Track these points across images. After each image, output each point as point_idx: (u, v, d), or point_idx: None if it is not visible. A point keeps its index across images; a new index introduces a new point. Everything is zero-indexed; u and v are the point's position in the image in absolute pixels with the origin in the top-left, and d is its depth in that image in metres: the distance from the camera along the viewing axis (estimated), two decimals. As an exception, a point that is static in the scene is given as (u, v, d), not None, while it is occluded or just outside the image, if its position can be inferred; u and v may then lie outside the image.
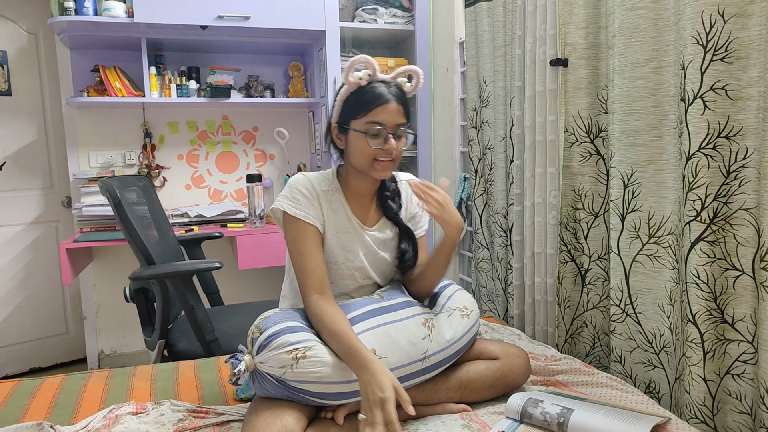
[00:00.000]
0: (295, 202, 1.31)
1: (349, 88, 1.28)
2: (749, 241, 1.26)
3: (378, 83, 1.28)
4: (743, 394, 1.30)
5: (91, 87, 2.74)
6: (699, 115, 1.27)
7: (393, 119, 1.26)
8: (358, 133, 1.27)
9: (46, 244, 2.98)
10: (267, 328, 1.17)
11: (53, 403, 1.40)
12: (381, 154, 1.27)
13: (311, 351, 1.14)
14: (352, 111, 1.28)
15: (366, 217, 1.40)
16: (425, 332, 1.29)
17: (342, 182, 1.38)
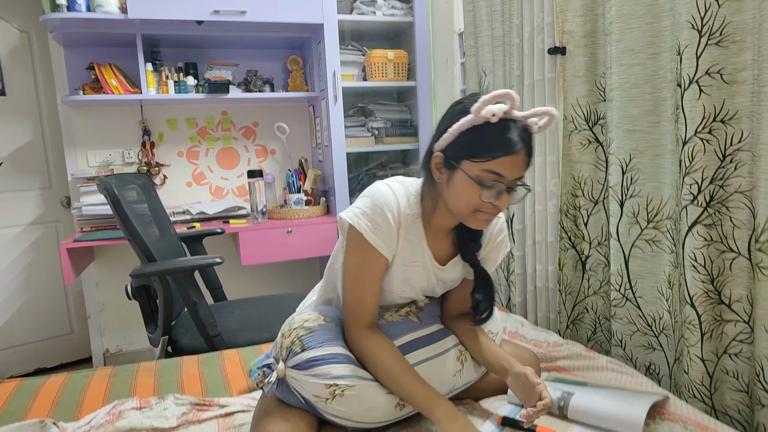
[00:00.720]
0: (376, 226, 1.12)
1: (474, 121, 1.04)
2: (745, 224, 1.26)
3: (510, 123, 1.04)
4: (740, 372, 1.31)
5: (86, 85, 2.73)
6: (695, 99, 1.27)
7: (516, 173, 1.06)
8: (469, 179, 1.06)
9: (46, 244, 2.98)
10: (310, 347, 1.10)
11: (56, 401, 1.41)
12: (487, 207, 1.08)
13: (350, 390, 1.08)
14: (469, 150, 1.05)
15: (440, 253, 1.23)
16: (458, 368, 1.24)
17: (424, 210, 1.19)
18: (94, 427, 1.24)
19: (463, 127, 1.06)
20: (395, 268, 1.20)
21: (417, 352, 1.19)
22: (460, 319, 1.30)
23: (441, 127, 1.12)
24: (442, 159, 1.11)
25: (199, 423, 1.28)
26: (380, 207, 1.13)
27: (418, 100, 2.99)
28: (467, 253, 1.24)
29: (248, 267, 3.23)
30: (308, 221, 2.82)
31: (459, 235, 1.23)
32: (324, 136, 2.96)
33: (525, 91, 1.94)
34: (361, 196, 1.17)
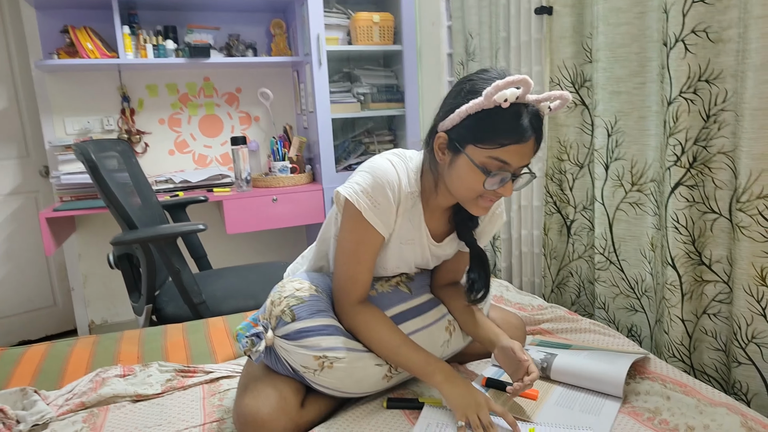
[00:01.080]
0: (375, 204, 1.08)
1: (484, 104, 0.97)
2: (726, 184, 1.26)
3: (522, 108, 0.98)
4: (718, 332, 1.33)
5: (61, 49, 2.64)
6: (680, 58, 1.26)
7: (523, 160, 1.01)
8: (473, 165, 1.01)
9: (26, 215, 2.93)
10: (301, 317, 1.09)
11: (38, 369, 1.40)
12: (490, 194, 1.04)
13: (339, 363, 1.08)
14: (476, 134, 1.00)
15: (436, 229, 1.21)
16: (446, 337, 1.24)
17: (423, 187, 1.15)
18: (76, 395, 1.24)
19: (471, 109, 0.99)
20: (391, 246, 1.17)
21: (407, 323, 1.19)
22: (449, 288, 1.29)
23: (447, 105, 1.06)
24: (446, 140, 1.05)
25: (183, 389, 1.28)
26: (381, 185, 1.08)
27: (404, 65, 2.94)
28: (464, 232, 1.21)
29: (233, 236, 3.21)
30: (293, 189, 2.80)
31: (456, 214, 1.20)
32: (308, 102, 2.91)
33: (511, 53, 1.92)
34: (361, 171, 1.11)
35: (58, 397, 1.22)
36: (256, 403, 1.05)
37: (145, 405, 1.21)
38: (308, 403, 1.11)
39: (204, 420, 1.14)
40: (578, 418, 1.07)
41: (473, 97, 0.99)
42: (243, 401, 1.07)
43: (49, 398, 1.22)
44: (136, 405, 1.21)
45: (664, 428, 1.01)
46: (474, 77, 1.04)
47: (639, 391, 1.15)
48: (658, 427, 1.01)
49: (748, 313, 1.21)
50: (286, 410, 1.06)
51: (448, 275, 1.30)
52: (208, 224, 1.89)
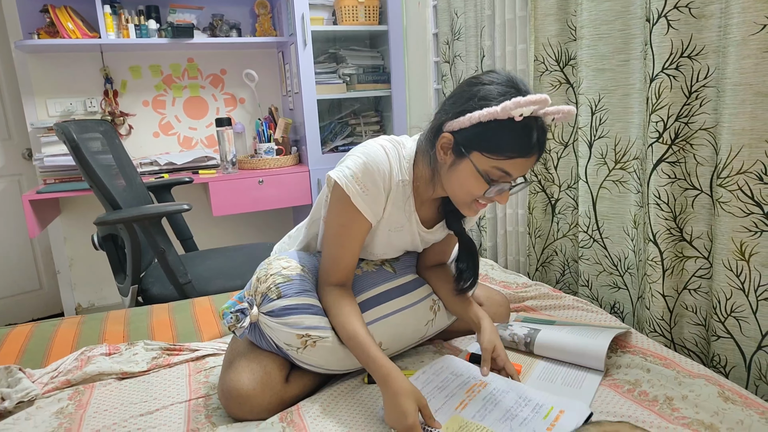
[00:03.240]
0: (365, 191, 1.08)
1: (497, 114, 0.95)
2: (708, 161, 1.28)
3: (532, 122, 0.97)
4: (698, 307, 1.35)
5: (41, 29, 2.60)
6: (663, 34, 1.26)
7: (524, 171, 1.02)
8: (476, 172, 1.01)
9: (9, 198, 2.90)
10: (286, 295, 1.10)
11: (23, 348, 1.40)
12: (485, 199, 1.05)
13: (321, 342, 1.09)
14: (484, 143, 0.99)
15: (427, 216, 1.21)
16: (430, 317, 1.25)
17: (416, 176, 1.14)
18: (62, 373, 1.24)
19: (483, 117, 0.97)
20: (380, 233, 1.17)
21: (390, 302, 1.19)
22: (435, 269, 1.30)
23: (457, 106, 1.03)
24: (451, 142, 1.03)
25: (169, 367, 1.28)
26: (372, 171, 1.07)
27: (390, 46, 2.92)
28: (452, 222, 1.22)
29: (220, 218, 3.20)
30: (280, 171, 2.79)
31: (446, 204, 1.21)
32: (294, 83, 2.89)
33: (496, 31, 1.91)
34: (353, 155, 1.11)
35: (43, 375, 1.22)
36: (240, 378, 1.06)
37: (131, 382, 1.21)
38: (293, 378, 1.12)
39: (190, 396, 1.14)
40: (560, 391, 1.09)
41: (486, 105, 0.98)
42: (228, 376, 1.07)
43: (35, 376, 1.21)
44: (122, 382, 1.21)
45: (644, 399, 1.03)
46: (487, 81, 1.02)
47: (620, 364, 1.17)
48: (637, 399, 1.03)
49: (727, 287, 1.23)
50: (270, 385, 1.07)
51: (436, 257, 1.30)
52: (195, 206, 1.88)
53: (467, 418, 0.97)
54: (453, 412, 0.99)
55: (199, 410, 1.09)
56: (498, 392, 1.04)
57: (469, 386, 1.07)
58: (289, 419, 1.01)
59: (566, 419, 0.95)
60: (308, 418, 1.01)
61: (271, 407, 1.06)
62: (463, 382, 1.08)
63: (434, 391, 1.06)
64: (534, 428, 0.94)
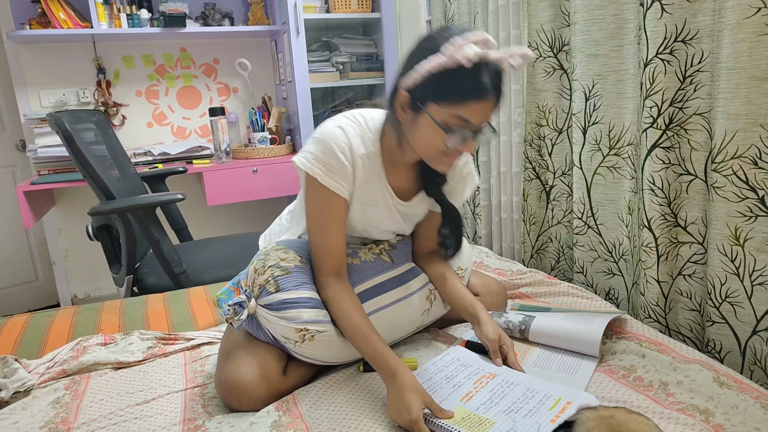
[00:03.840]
0: (329, 169, 1.08)
1: (446, 63, 0.96)
2: (702, 146, 1.27)
3: (482, 67, 0.96)
4: (693, 292, 1.35)
5: (33, 19, 2.57)
6: (657, 19, 1.25)
7: (484, 117, 1.01)
8: (434, 123, 1.00)
9: (3, 189, 2.88)
10: (285, 289, 1.09)
11: (19, 339, 1.40)
12: (452, 151, 1.05)
13: (320, 335, 1.08)
14: (437, 93, 0.99)
15: (402, 189, 1.20)
16: (426, 306, 1.25)
17: (384, 147, 1.14)
18: (57, 363, 1.24)
19: (432, 68, 0.97)
20: (354, 209, 1.16)
21: (387, 294, 1.19)
22: (430, 257, 1.29)
23: (409, 63, 1.03)
24: (408, 99, 1.03)
25: (165, 356, 1.28)
26: (331, 149, 1.08)
27: (384, 34, 2.90)
28: (431, 188, 1.21)
29: (214, 207, 3.19)
30: (273, 160, 2.78)
31: (422, 169, 1.20)
32: (287, 72, 2.87)
33: (490, 17, 1.90)
34: (312, 137, 1.12)
35: (40, 366, 1.22)
36: (238, 370, 1.06)
37: (127, 372, 1.22)
38: (290, 370, 1.12)
39: (186, 385, 1.15)
40: (556, 378, 1.09)
41: (435, 56, 0.97)
42: (225, 368, 1.07)
43: (31, 366, 1.22)
44: (118, 372, 1.22)
45: (639, 385, 1.03)
46: (435, 35, 1.01)
47: (615, 350, 1.17)
48: (632, 384, 1.04)
49: (722, 273, 1.23)
50: (268, 377, 1.07)
51: (427, 242, 1.30)
52: (189, 196, 1.88)
53: (472, 410, 0.97)
54: (458, 402, 0.99)
55: (196, 399, 1.10)
56: (506, 384, 1.04)
57: (477, 377, 1.06)
58: (285, 408, 1.02)
59: (573, 411, 0.93)
60: (303, 406, 1.01)
61: (268, 399, 1.06)
62: (472, 373, 1.08)
63: (441, 381, 1.06)
64: (538, 420, 0.92)
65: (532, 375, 1.09)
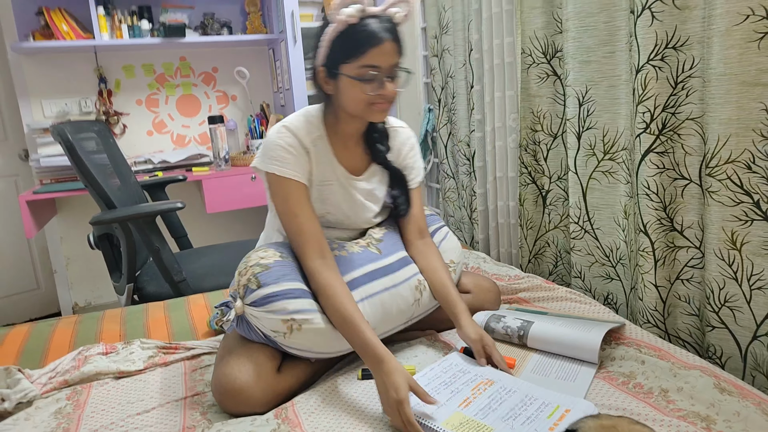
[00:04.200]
0: (282, 162, 1.18)
1: (338, 28, 1.12)
2: (696, 150, 1.28)
3: (370, 19, 1.12)
4: (691, 297, 1.36)
5: (36, 31, 2.60)
6: (647, 26, 1.27)
7: (389, 60, 1.13)
8: (351, 80, 1.13)
9: (6, 199, 2.90)
10: (266, 284, 1.11)
11: (21, 349, 1.41)
12: (377, 98, 1.15)
13: (307, 324, 1.10)
14: (342, 54, 1.13)
15: (353, 165, 1.29)
16: (416, 296, 1.27)
17: (328, 127, 1.25)
18: (59, 373, 1.25)
19: (330, 37, 1.14)
20: (312, 191, 1.25)
21: (375, 282, 1.22)
22: (422, 249, 1.34)
23: (315, 45, 1.18)
24: (325, 71, 1.18)
25: (165, 365, 1.29)
26: (280, 146, 1.19)
27: (382, 40, 2.91)
28: (376, 155, 1.31)
29: (214, 215, 3.20)
30: (274, 167, 2.78)
31: (366, 141, 1.31)
32: (285, 80, 2.89)
33: (483, 25, 1.92)
34: (263, 142, 1.23)
35: (42, 376, 1.23)
36: (231, 371, 1.07)
37: (128, 381, 1.23)
38: (284, 369, 1.14)
39: (185, 394, 1.16)
40: (554, 385, 1.09)
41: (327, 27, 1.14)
42: (219, 371, 1.09)
43: (33, 377, 1.22)
44: (119, 381, 1.23)
45: (639, 392, 1.03)
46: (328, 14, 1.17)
47: (614, 356, 1.16)
48: (632, 391, 1.03)
49: (720, 277, 1.23)
50: (262, 376, 1.08)
51: (410, 226, 1.36)
52: (188, 204, 1.89)
53: (470, 416, 0.97)
54: (456, 408, 1.00)
55: (195, 407, 1.11)
56: (504, 391, 1.05)
57: (475, 384, 1.07)
58: (284, 416, 1.02)
59: (571, 418, 0.93)
60: (303, 415, 1.02)
61: (264, 399, 1.07)
62: (470, 379, 1.09)
63: (440, 387, 1.06)
64: (536, 428, 0.93)
65: (530, 381, 1.09)
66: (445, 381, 1.08)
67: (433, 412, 0.98)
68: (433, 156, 2.64)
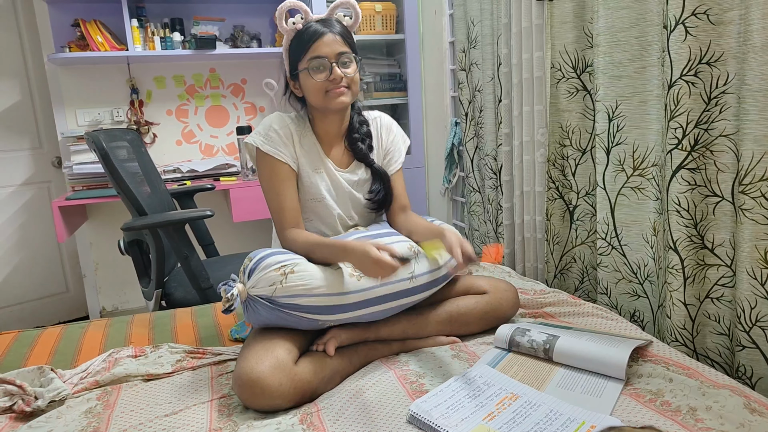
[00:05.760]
0: (268, 139, 1.34)
1: (288, 36, 1.33)
2: (729, 167, 1.27)
3: (313, 23, 1.31)
4: (721, 316, 1.33)
5: (72, 42, 2.69)
6: (681, 41, 1.26)
7: (332, 49, 1.29)
8: (305, 73, 1.30)
9: (39, 204, 2.98)
10: (256, 255, 1.22)
11: (54, 350, 1.44)
12: (330, 85, 1.30)
13: (299, 266, 1.18)
14: (295, 56, 1.32)
15: (339, 160, 1.43)
16: (412, 255, 1.29)
17: (313, 126, 1.41)
18: (90, 374, 1.27)
19: (285, 46, 1.35)
20: (306, 175, 1.38)
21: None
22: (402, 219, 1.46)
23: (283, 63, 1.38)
24: (290, 76, 1.37)
25: (193, 369, 1.31)
26: (268, 125, 1.35)
27: (407, 54, 2.94)
28: (358, 154, 1.43)
29: (240, 224, 3.24)
30: (300, 178, 2.81)
31: (349, 140, 1.43)
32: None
33: (513, 39, 1.92)
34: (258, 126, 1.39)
35: (74, 376, 1.26)
36: (249, 363, 1.10)
37: (156, 384, 1.24)
38: (301, 362, 1.16)
39: (212, 396, 1.17)
40: (580, 400, 1.07)
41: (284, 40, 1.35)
42: (238, 365, 1.12)
43: (65, 376, 1.25)
44: (148, 384, 1.24)
45: (666, 410, 1.01)
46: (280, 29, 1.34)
47: (641, 373, 1.15)
48: (660, 409, 1.01)
49: (751, 296, 1.21)
50: (279, 366, 1.10)
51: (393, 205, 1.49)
52: (215, 213, 1.92)
53: (494, 429, 0.97)
54: (481, 422, 0.99)
55: (222, 410, 1.12)
56: (529, 405, 1.04)
57: (500, 398, 1.07)
58: (309, 421, 1.03)
59: None
60: (327, 421, 1.03)
61: (282, 389, 1.08)
62: (495, 393, 1.09)
63: (464, 400, 1.06)
64: None
65: (555, 396, 1.08)
66: (470, 393, 1.08)
67: (457, 425, 0.98)
68: (459, 170, 2.64)
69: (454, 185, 2.73)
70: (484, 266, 1.84)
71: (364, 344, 1.29)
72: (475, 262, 1.17)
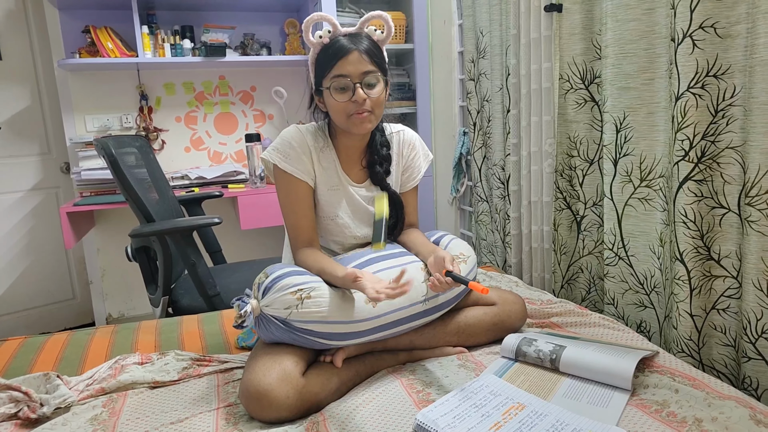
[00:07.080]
0: (286, 156, 1.31)
1: (315, 50, 1.28)
2: (735, 179, 1.27)
3: (341, 37, 1.26)
4: (728, 327, 1.33)
5: (82, 48, 2.71)
6: (688, 54, 1.27)
7: (357, 68, 1.23)
8: (328, 91, 1.25)
9: (47, 210, 3.00)
10: (273, 272, 1.21)
11: (60, 357, 1.45)
12: (353, 107, 1.24)
13: (315, 291, 1.17)
14: (320, 71, 1.27)
15: (355, 174, 1.40)
16: (425, 276, 1.31)
17: (333, 139, 1.38)
18: (96, 381, 1.28)
19: (311, 60, 1.30)
20: (321, 193, 1.37)
21: (375, 264, 1.29)
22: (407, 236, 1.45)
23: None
24: (315, 90, 1.32)
25: (199, 377, 1.32)
26: (287, 141, 1.32)
27: (416, 63, 2.96)
28: (374, 177, 1.40)
29: (247, 231, 3.25)
30: (306, 185, 2.82)
31: (367, 161, 1.40)
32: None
33: (521, 50, 1.93)
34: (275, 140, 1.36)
35: (80, 383, 1.26)
36: (256, 375, 1.10)
37: (162, 391, 1.25)
38: (309, 374, 1.16)
39: (218, 405, 1.17)
40: (586, 410, 1.08)
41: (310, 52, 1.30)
42: (245, 377, 1.12)
43: (71, 383, 1.26)
44: (154, 391, 1.25)
45: (672, 420, 1.01)
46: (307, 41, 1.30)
47: (647, 383, 1.15)
48: (665, 420, 1.02)
49: (757, 308, 1.21)
50: (286, 379, 1.10)
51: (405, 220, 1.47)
52: (223, 220, 1.93)
53: None
54: (487, 431, 0.99)
55: (228, 418, 1.12)
56: (535, 415, 1.04)
57: (506, 408, 1.07)
58: (316, 430, 1.03)
59: None
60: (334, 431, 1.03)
61: (290, 402, 1.08)
62: (501, 403, 1.09)
63: (471, 409, 1.06)
64: None
65: (562, 406, 1.08)
66: (476, 403, 1.08)
67: None
68: (466, 179, 2.65)
69: (462, 195, 2.73)
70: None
71: (371, 354, 1.30)
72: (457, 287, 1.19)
